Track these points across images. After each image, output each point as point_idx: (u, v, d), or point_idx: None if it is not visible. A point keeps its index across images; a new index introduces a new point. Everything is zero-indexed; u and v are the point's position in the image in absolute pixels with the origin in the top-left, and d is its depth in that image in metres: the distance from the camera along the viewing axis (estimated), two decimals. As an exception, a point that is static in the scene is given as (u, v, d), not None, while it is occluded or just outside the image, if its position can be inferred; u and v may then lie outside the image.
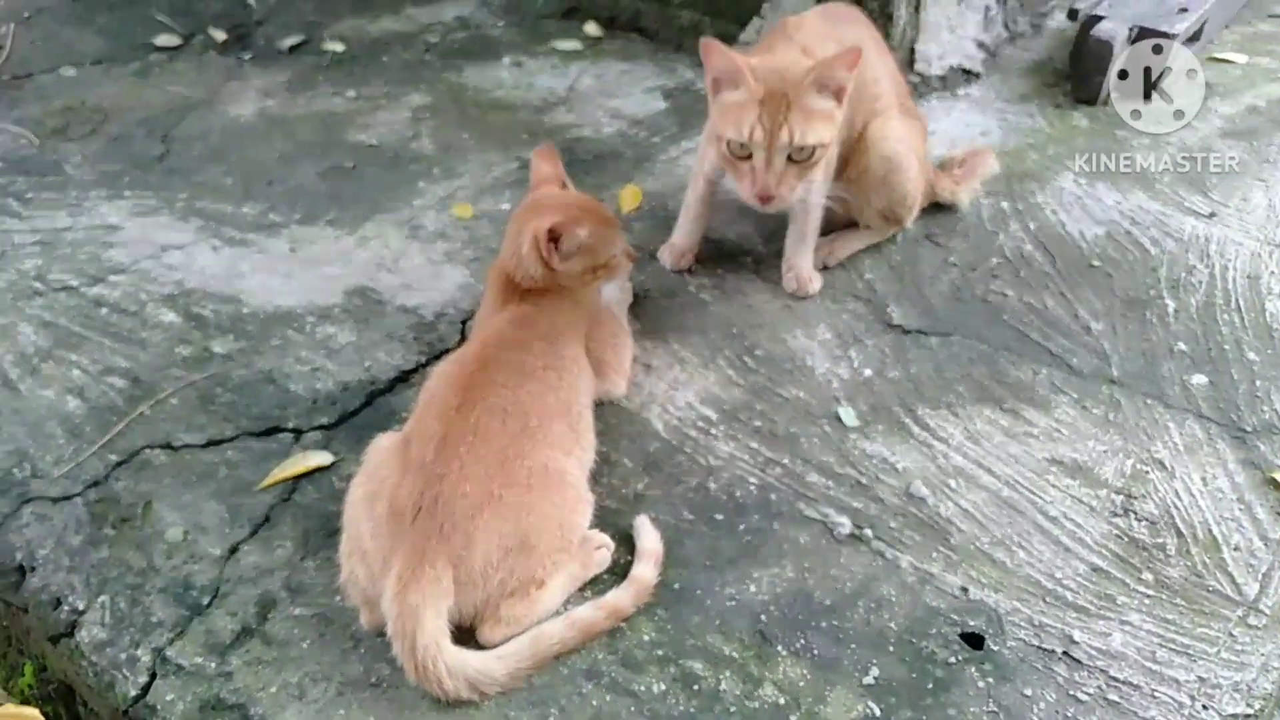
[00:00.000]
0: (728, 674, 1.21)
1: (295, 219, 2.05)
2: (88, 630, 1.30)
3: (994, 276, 1.86)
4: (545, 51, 2.67)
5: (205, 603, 1.31)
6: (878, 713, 1.17)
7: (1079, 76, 2.38)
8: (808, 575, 1.33)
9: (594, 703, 1.18)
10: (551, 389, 1.37)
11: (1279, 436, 1.52)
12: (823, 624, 1.27)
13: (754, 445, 1.52)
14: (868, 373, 1.65)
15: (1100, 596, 1.31)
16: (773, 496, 1.44)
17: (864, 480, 1.47)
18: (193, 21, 2.87)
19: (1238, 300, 1.79)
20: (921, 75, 2.39)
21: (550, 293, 1.48)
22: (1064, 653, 1.24)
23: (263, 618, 1.29)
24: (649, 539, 1.34)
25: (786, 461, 1.49)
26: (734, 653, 1.24)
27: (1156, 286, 1.83)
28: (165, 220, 2.05)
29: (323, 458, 1.50)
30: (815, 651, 1.24)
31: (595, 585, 1.31)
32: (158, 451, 1.52)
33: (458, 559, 1.19)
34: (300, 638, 1.26)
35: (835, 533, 1.38)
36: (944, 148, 2.18)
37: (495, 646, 1.21)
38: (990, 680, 1.21)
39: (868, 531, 1.39)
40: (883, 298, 1.81)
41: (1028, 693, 1.20)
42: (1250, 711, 1.18)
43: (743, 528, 1.40)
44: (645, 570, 1.30)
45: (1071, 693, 1.20)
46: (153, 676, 1.23)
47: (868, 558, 1.36)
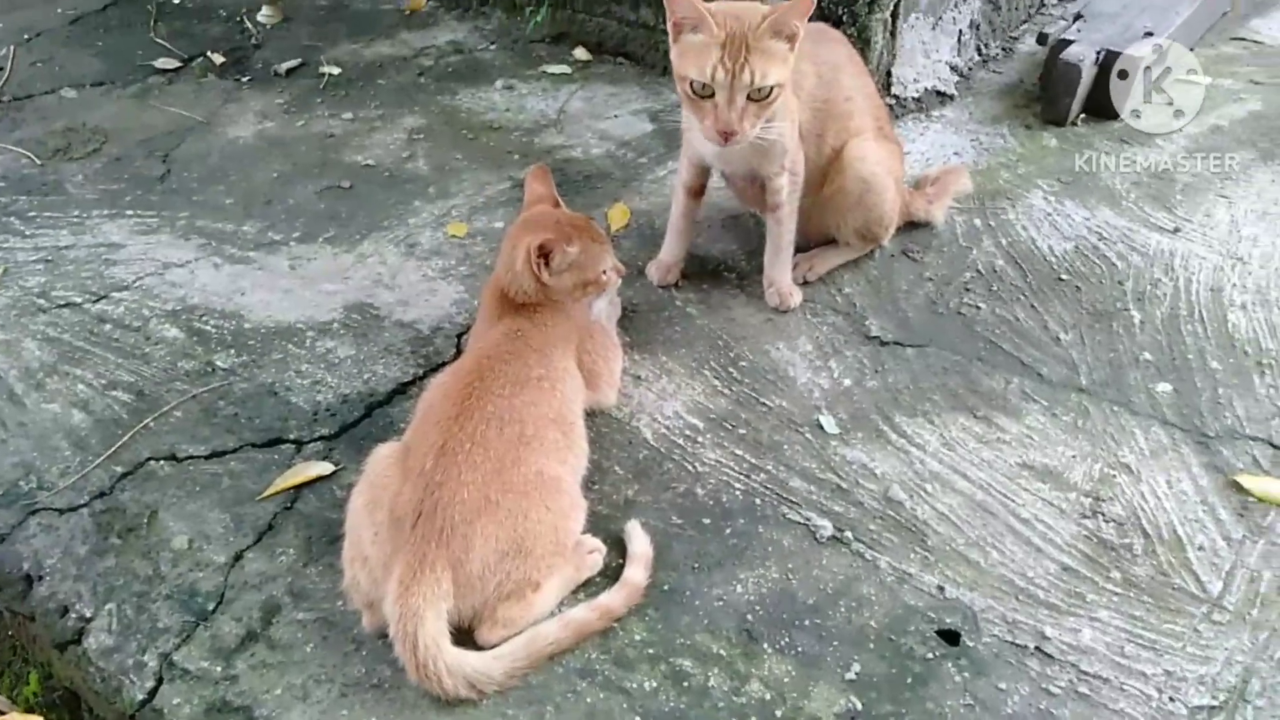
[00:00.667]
0: (716, 671, 1.26)
1: (294, 237, 2.10)
2: (95, 637, 1.33)
3: (967, 290, 1.93)
4: (536, 75, 2.73)
5: (210, 609, 1.35)
6: (859, 707, 1.23)
7: (1048, 98, 2.46)
8: (791, 576, 1.38)
9: (588, 700, 1.23)
10: (545, 399, 1.42)
11: (1241, 441, 1.59)
12: (806, 622, 1.32)
13: (739, 452, 1.58)
14: (847, 382, 1.72)
15: (1070, 594, 1.37)
16: (757, 501, 1.49)
17: (844, 485, 1.52)
18: (191, 45, 2.91)
19: (1201, 312, 1.86)
20: (897, 98, 2.46)
21: (543, 307, 1.53)
22: (1036, 648, 1.29)
23: (267, 622, 1.33)
24: (639, 543, 1.39)
25: (770, 468, 1.55)
26: (722, 650, 1.29)
27: (1123, 299, 1.90)
28: (167, 238, 2.10)
29: (323, 467, 1.54)
30: (799, 649, 1.29)
31: (588, 588, 1.36)
32: (162, 463, 1.57)
33: (457, 563, 1.24)
34: (304, 641, 1.31)
35: (817, 535, 1.44)
36: (919, 167, 2.25)
37: (493, 647, 1.25)
38: (966, 675, 1.26)
39: (848, 534, 1.44)
40: (861, 311, 1.88)
41: (1002, 686, 1.25)
42: (1215, 703, 1.24)
43: (729, 531, 1.45)
44: (636, 573, 1.35)
45: (1044, 686, 1.25)
46: (159, 681, 1.27)
47: (848, 559, 1.41)
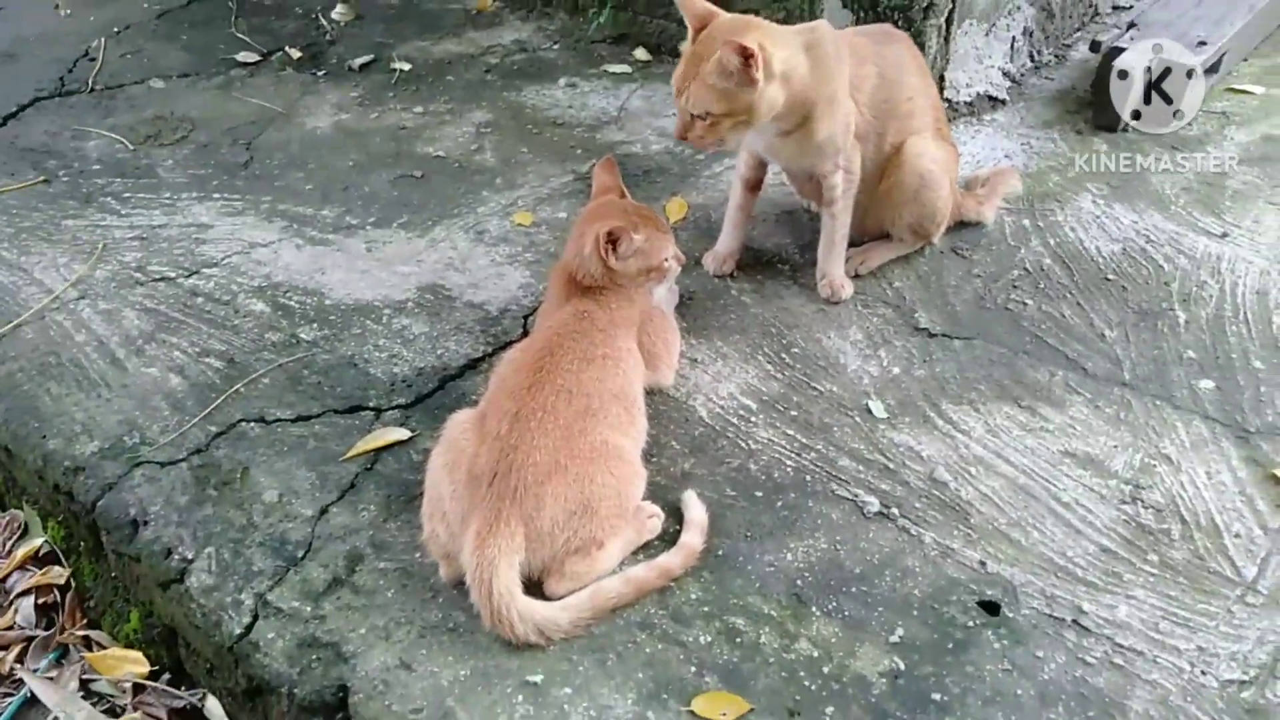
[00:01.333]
0: (767, 630, 1.35)
1: (370, 222, 2.23)
2: (196, 577, 1.45)
3: (1015, 287, 1.99)
4: (598, 74, 2.84)
5: (300, 556, 1.46)
6: (902, 667, 1.30)
7: (1100, 105, 2.51)
8: (839, 547, 1.46)
9: (647, 650, 1.32)
10: (610, 375, 1.52)
11: (1280, 437, 1.64)
12: (852, 589, 1.40)
13: (790, 432, 1.66)
14: (896, 371, 1.79)
15: (1108, 574, 1.43)
16: (807, 478, 1.58)
17: (891, 465, 1.60)
18: (270, 40, 3.07)
19: (1246, 314, 1.90)
20: (950, 101, 2.53)
21: (608, 290, 1.63)
22: (1073, 621, 1.36)
23: (351, 570, 1.44)
24: (696, 510, 1.48)
25: (820, 447, 1.63)
26: (772, 611, 1.37)
27: (1169, 299, 1.95)
28: (251, 220, 2.24)
29: (401, 433, 1.65)
30: (846, 612, 1.37)
31: (647, 550, 1.45)
32: (253, 424, 1.69)
33: (528, 519, 1.33)
34: (385, 588, 1.41)
35: (864, 511, 1.52)
36: (970, 169, 2.31)
37: (560, 599, 1.35)
38: (1005, 643, 1.33)
39: (894, 510, 1.52)
40: (910, 304, 1.95)
41: (1039, 654, 1.32)
42: (1246, 678, 1.29)
43: (780, 504, 1.53)
44: (693, 537, 1.44)
45: (1080, 656, 1.32)
46: (255, 617, 1.38)
47: (894, 533, 1.49)
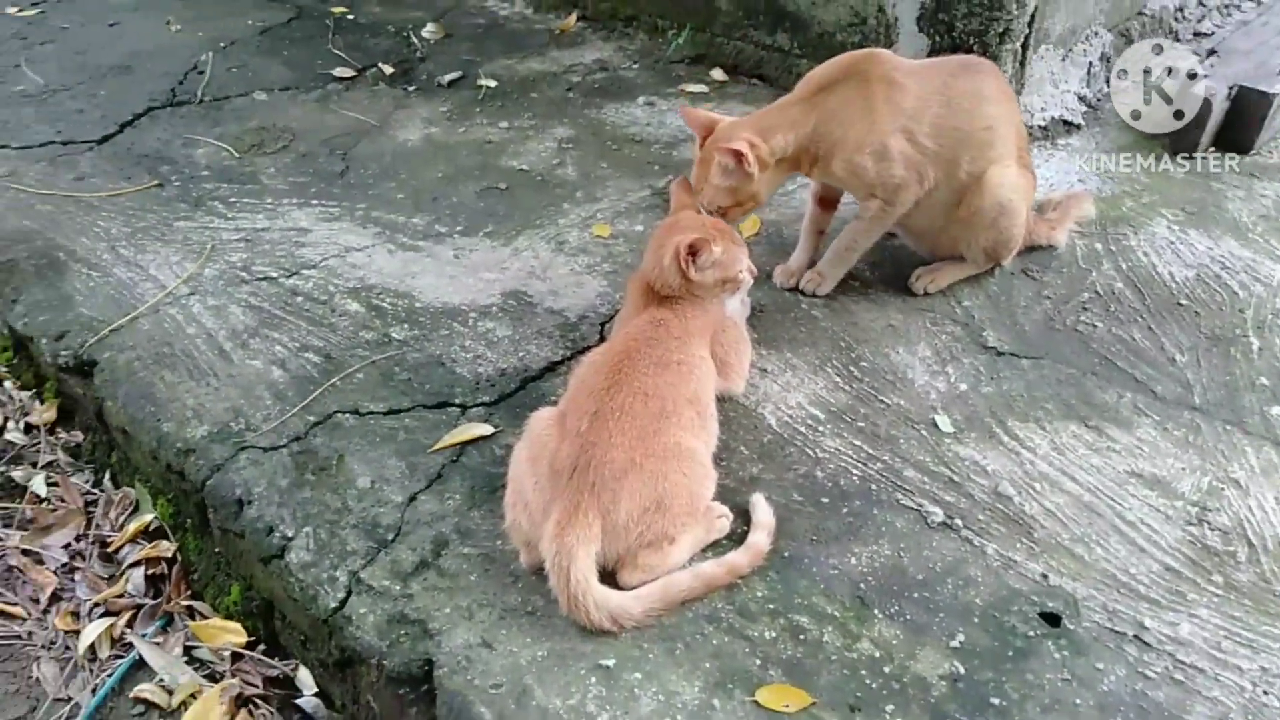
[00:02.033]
0: (830, 629, 1.40)
1: (458, 230, 2.35)
2: (295, 553, 1.56)
3: (1085, 309, 2.01)
4: (675, 93, 2.94)
5: (390, 539, 1.57)
6: (962, 671, 1.34)
7: (1178, 131, 2.51)
8: (902, 554, 1.51)
9: (714, 642, 1.39)
10: (684, 380, 1.59)
11: (1355, 468, 1.63)
12: (915, 595, 1.45)
13: (857, 443, 1.71)
14: (963, 387, 1.83)
15: (1171, 592, 1.45)
16: (873, 487, 1.63)
17: (956, 478, 1.64)
18: (364, 57, 3.25)
19: (1323, 343, 1.90)
20: (1024, 125, 2.55)
21: (683, 300, 1.70)
22: (1135, 636, 1.38)
23: (437, 554, 1.54)
24: (763, 513, 1.54)
25: (886, 458, 1.68)
26: (836, 612, 1.43)
27: (1242, 326, 1.94)
28: (347, 226, 2.38)
29: (485, 429, 1.75)
30: (908, 616, 1.42)
31: (715, 549, 1.51)
32: (347, 416, 1.81)
33: (605, 512, 1.41)
34: (469, 572, 1.51)
35: (928, 520, 1.56)
36: (1043, 192, 2.32)
37: (632, 589, 1.42)
38: (1066, 653, 1.36)
39: (958, 521, 1.56)
40: (979, 323, 1.98)
41: (1100, 666, 1.35)
42: (1309, 703, 1.30)
43: (845, 511, 1.59)
44: (760, 538, 1.50)
45: (1140, 670, 1.34)
46: (349, 593, 1.48)
47: (957, 543, 1.53)
